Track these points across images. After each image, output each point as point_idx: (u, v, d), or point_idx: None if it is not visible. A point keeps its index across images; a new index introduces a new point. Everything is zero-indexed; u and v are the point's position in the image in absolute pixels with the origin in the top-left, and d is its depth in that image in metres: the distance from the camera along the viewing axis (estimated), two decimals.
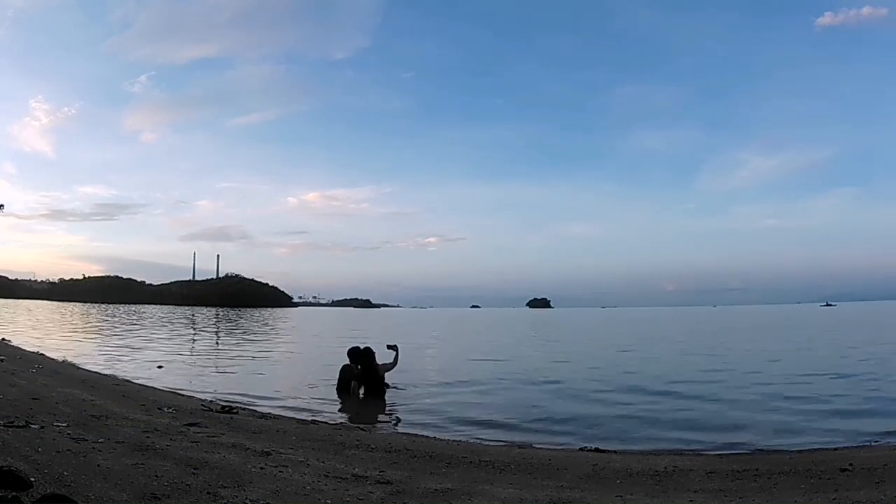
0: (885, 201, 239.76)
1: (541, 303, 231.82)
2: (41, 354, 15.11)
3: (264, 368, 15.05)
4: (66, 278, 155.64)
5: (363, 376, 10.13)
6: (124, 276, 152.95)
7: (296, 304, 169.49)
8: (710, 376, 13.12)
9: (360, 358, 10.26)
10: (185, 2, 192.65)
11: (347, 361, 10.40)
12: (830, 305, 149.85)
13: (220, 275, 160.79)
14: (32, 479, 3.32)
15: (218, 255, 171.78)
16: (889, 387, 11.07)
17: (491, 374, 13.92)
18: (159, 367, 13.85)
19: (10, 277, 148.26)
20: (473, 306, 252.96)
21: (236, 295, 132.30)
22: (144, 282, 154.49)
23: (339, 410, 9.24)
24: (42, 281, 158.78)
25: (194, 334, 30.42)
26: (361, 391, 10.13)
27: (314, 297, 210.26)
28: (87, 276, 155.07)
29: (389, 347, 10.69)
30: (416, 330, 40.03)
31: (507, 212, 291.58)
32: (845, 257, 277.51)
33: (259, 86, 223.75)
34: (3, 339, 19.21)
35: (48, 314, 50.57)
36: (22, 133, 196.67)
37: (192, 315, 61.10)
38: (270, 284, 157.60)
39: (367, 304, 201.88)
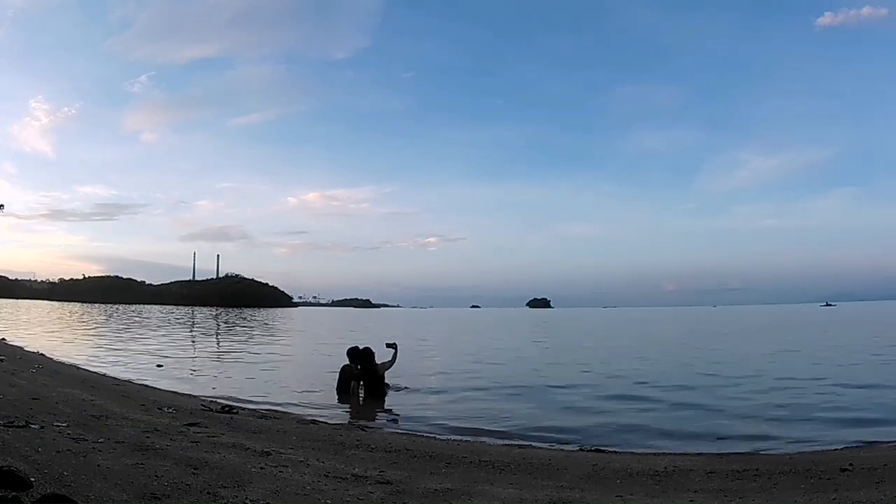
0: (885, 201, 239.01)
1: (541, 303, 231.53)
2: (41, 354, 15.13)
3: (264, 368, 15.04)
4: (66, 278, 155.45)
5: (363, 376, 10.14)
6: (124, 276, 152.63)
7: (296, 304, 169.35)
8: (709, 376, 13.11)
9: (360, 358, 10.26)
10: (185, 2, 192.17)
11: (347, 361, 10.40)
12: (830, 305, 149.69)
13: (220, 275, 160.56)
14: (32, 479, 3.32)
15: (218, 255, 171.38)
16: (890, 387, 11.07)
17: (491, 374, 13.92)
18: (159, 366, 13.86)
19: (10, 277, 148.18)
20: (473, 306, 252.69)
21: (236, 295, 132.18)
22: (144, 282, 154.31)
23: (339, 410, 9.24)
24: (42, 281, 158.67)
25: (194, 334, 30.42)
26: (361, 391, 10.13)
27: (314, 297, 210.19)
28: (87, 276, 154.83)
29: (388, 345, 10.67)
30: (416, 330, 40.03)
31: (507, 212, 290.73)
32: (845, 257, 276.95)
33: (259, 86, 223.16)
34: (3, 339, 19.22)
35: (48, 314, 50.57)
36: (22, 133, 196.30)
37: (192, 315, 61.12)
38: (270, 284, 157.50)
39: (367, 304, 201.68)
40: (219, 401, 8.95)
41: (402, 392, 10.66)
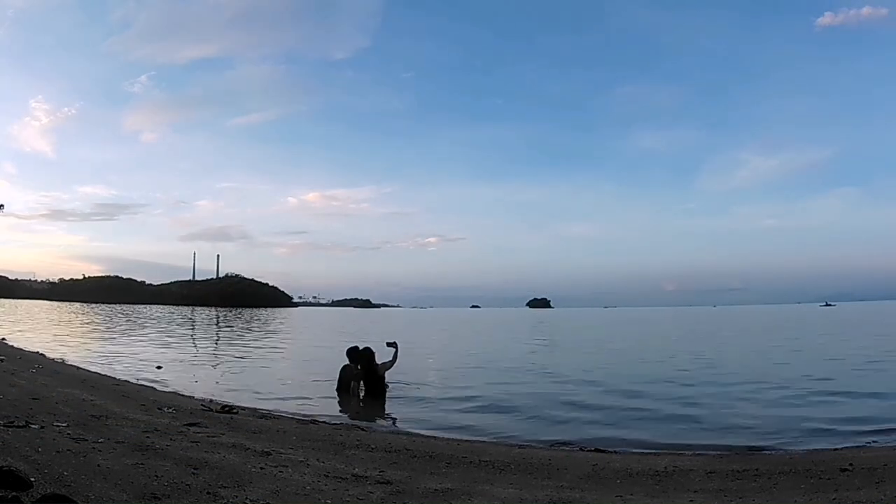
0: (885, 201, 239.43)
1: (541, 303, 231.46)
2: (41, 354, 15.13)
3: (264, 368, 15.05)
4: (66, 278, 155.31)
5: (363, 376, 10.13)
6: (124, 276, 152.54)
7: (296, 304, 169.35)
8: (709, 377, 13.11)
9: (360, 358, 10.25)
10: (185, 2, 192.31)
11: (347, 361, 10.40)
12: (830, 305, 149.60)
13: (220, 275, 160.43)
14: (32, 479, 3.32)
15: (218, 255, 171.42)
16: (889, 387, 11.07)
17: (490, 374, 13.94)
18: (159, 367, 13.84)
19: (10, 277, 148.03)
20: (473, 306, 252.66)
21: (236, 295, 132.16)
22: (144, 282, 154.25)
23: (339, 410, 9.24)
24: (42, 281, 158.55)
25: (194, 334, 30.42)
26: (361, 391, 10.13)
27: (314, 297, 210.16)
28: (87, 276, 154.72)
29: (389, 345, 10.66)
30: (416, 330, 40.02)
31: (507, 212, 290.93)
32: (845, 257, 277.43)
33: (259, 86, 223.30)
34: (3, 339, 19.21)
35: (48, 314, 50.56)
36: (22, 133, 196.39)
37: (192, 315, 61.11)
38: (270, 284, 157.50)
39: (367, 304, 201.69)
40: (219, 401, 8.95)
41: (402, 392, 10.65)
